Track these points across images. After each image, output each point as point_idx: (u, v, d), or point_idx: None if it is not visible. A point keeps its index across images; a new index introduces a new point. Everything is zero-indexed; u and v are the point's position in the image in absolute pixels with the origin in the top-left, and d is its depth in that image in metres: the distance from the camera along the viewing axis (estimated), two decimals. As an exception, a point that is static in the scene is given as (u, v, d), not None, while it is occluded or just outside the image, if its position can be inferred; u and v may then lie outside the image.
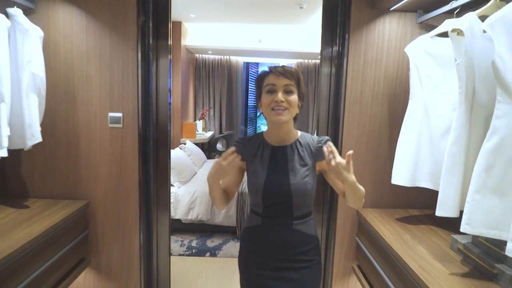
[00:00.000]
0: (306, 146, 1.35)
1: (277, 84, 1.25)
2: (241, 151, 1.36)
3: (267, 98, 1.26)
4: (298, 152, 1.33)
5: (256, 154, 1.36)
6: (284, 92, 1.25)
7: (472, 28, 1.23)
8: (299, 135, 1.38)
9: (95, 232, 2.14)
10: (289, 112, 1.26)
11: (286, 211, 1.32)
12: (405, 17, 1.96)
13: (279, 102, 1.23)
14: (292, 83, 1.26)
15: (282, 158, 1.33)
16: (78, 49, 2.00)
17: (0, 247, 1.40)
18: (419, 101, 1.68)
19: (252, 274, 1.38)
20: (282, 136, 1.35)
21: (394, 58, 1.98)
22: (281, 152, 1.34)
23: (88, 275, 2.17)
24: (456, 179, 1.32)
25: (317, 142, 1.35)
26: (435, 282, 1.25)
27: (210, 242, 3.39)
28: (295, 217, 1.33)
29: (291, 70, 1.28)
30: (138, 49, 2.01)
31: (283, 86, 1.25)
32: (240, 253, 1.46)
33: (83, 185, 2.09)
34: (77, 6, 1.97)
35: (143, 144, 2.14)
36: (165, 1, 2.15)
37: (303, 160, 1.33)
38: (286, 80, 1.25)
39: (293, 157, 1.33)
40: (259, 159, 1.35)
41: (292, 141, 1.35)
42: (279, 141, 1.35)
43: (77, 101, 2.03)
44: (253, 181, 1.34)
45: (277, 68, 1.27)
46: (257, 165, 1.34)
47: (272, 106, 1.25)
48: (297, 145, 1.35)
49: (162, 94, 2.22)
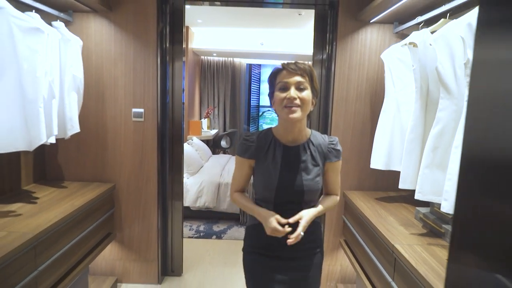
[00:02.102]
0: (318, 146, 1.34)
1: (289, 81, 1.23)
2: (249, 149, 1.35)
3: (280, 95, 1.24)
4: (311, 152, 1.33)
5: (267, 153, 1.33)
6: (297, 89, 1.23)
7: (425, 41, 1.58)
8: (311, 134, 1.37)
9: (119, 210, 2.50)
10: (302, 110, 1.24)
11: (295, 208, 1.32)
12: (383, 28, 2.31)
13: (292, 99, 1.21)
14: (305, 80, 1.24)
15: (295, 158, 1.32)
16: (106, 54, 2.36)
17: (52, 214, 1.76)
18: (392, 99, 2.03)
19: (258, 267, 1.39)
20: (294, 135, 1.33)
21: (374, 63, 2.33)
22: (294, 152, 1.32)
23: (113, 247, 2.53)
24: (413, 160, 1.67)
25: (328, 142, 1.36)
26: (396, 239, 1.60)
27: (216, 227, 3.75)
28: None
29: (304, 66, 1.25)
30: (158, 54, 2.37)
31: (295, 83, 1.23)
32: (246, 250, 1.44)
33: (110, 170, 2.45)
34: (106, 18, 2.33)
35: (161, 136, 2.50)
36: (180, 10, 2.51)
37: (315, 160, 1.33)
38: (299, 77, 1.23)
39: (306, 157, 1.32)
40: (270, 158, 1.32)
41: (304, 141, 1.34)
42: (291, 140, 1.34)
43: (106, 98, 2.40)
44: (265, 180, 1.32)
45: (290, 65, 1.25)
46: (269, 164, 1.32)
47: (285, 104, 1.23)
48: (309, 145, 1.34)
49: (177, 94, 2.58)
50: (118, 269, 2.57)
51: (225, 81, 6.77)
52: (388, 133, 2.04)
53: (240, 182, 1.43)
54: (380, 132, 2.10)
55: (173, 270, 2.74)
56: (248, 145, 1.35)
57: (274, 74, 1.29)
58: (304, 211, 1.31)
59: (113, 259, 2.56)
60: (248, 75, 7.29)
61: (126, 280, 2.58)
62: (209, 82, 6.74)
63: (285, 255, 1.35)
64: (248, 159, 1.36)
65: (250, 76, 7.33)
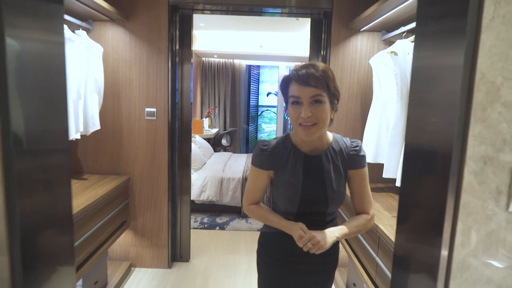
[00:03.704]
0: (339, 152, 1.25)
1: (301, 96, 1.10)
2: (268, 159, 1.25)
3: (293, 111, 1.13)
4: (334, 161, 1.23)
5: (287, 163, 1.23)
6: (311, 104, 1.10)
7: (404, 50, 1.84)
8: (332, 139, 1.26)
9: (133, 201, 2.74)
10: (319, 127, 1.12)
11: (319, 218, 1.25)
12: (372, 35, 2.56)
13: (306, 118, 1.09)
14: (319, 91, 1.09)
15: (317, 169, 1.22)
16: (122, 58, 2.61)
17: (80, 200, 2.01)
18: (379, 99, 2.28)
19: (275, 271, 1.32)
20: (315, 144, 1.22)
21: (364, 67, 2.59)
22: (315, 162, 1.22)
23: (128, 234, 2.78)
24: (395, 152, 1.92)
25: (351, 148, 1.25)
26: (380, 221, 1.85)
27: (219, 219, 4.00)
28: (327, 221, 1.28)
29: (316, 75, 1.09)
30: (169, 58, 2.61)
31: (309, 98, 1.09)
32: (260, 255, 1.38)
33: (125, 164, 2.70)
34: (122, 26, 2.57)
35: (171, 134, 2.74)
36: (188, 17, 2.76)
37: (338, 169, 1.23)
38: (312, 90, 1.08)
39: (329, 167, 1.22)
40: (291, 169, 1.22)
41: (325, 148, 1.24)
42: (312, 149, 1.23)
43: (121, 98, 2.64)
44: (287, 192, 1.22)
45: (300, 76, 1.09)
46: (290, 175, 1.22)
47: (300, 122, 1.12)
48: (331, 152, 1.24)
49: (186, 94, 2.83)
50: (132, 254, 2.81)
51: (225, 82, 7.01)
52: (375, 129, 2.30)
53: (256, 194, 1.31)
54: (368, 129, 2.35)
55: (181, 256, 2.99)
56: (266, 155, 1.24)
57: (285, 84, 1.17)
58: (328, 232, 1.18)
59: (127, 246, 2.80)
60: (248, 76, 7.53)
61: (139, 265, 2.82)
62: (210, 83, 6.98)
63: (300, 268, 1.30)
64: (266, 170, 1.25)
65: (249, 76, 7.57)
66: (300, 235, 1.14)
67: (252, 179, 1.30)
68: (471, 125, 0.59)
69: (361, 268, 2.13)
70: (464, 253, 0.63)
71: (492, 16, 0.56)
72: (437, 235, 0.63)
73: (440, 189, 0.63)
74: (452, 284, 0.64)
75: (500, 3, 0.56)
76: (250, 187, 1.31)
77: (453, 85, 0.60)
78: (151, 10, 2.54)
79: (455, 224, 0.62)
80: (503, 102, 0.59)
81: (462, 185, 0.61)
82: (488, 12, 0.56)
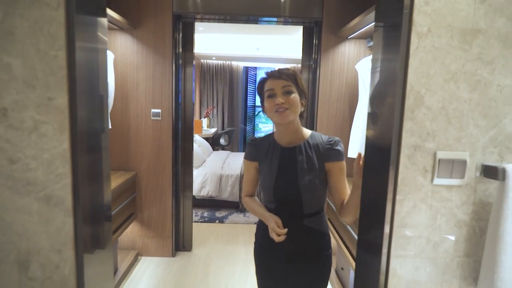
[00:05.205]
0: (315, 146, 1.35)
1: (275, 87, 1.29)
2: (253, 152, 1.45)
3: (269, 103, 1.31)
4: (307, 153, 1.35)
5: (267, 155, 1.40)
6: (283, 93, 1.29)
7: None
8: (309, 135, 1.40)
9: (140, 195, 2.98)
10: (292, 111, 1.29)
11: (296, 208, 1.36)
12: (359, 42, 2.81)
13: (280, 104, 1.27)
14: (289, 83, 1.30)
15: (290, 159, 1.36)
16: (130, 63, 2.84)
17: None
18: (364, 100, 2.53)
19: (265, 265, 1.45)
20: (290, 137, 1.37)
21: (352, 71, 2.83)
22: (290, 153, 1.36)
23: (135, 225, 3.01)
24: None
25: (326, 142, 1.36)
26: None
27: (218, 213, 4.24)
28: (306, 214, 1.36)
29: (287, 71, 1.32)
30: (173, 62, 2.85)
31: (281, 88, 1.29)
32: (255, 245, 1.52)
33: (132, 161, 2.93)
34: (130, 34, 2.80)
35: (175, 133, 2.98)
36: (191, 24, 2.99)
37: (311, 160, 1.34)
38: (283, 81, 1.29)
39: (302, 158, 1.34)
40: (269, 160, 1.39)
41: (300, 142, 1.37)
42: (288, 142, 1.38)
43: (129, 100, 2.87)
44: (265, 180, 1.40)
45: (273, 73, 1.33)
46: (268, 165, 1.39)
47: (275, 109, 1.29)
48: (305, 146, 1.36)
49: (188, 95, 3.06)
50: (139, 244, 3.04)
51: (223, 83, 7.25)
52: (361, 127, 2.55)
53: (249, 185, 1.51)
54: (355, 127, 2.60)
55: (184, 246, 3.23)
56: (252, 148, 1.46)
57: (261, 84, 1.37)
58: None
59: (134, 236, 3.03)
60: (245, 77, 7.77)
61: (145, 254, 3.06)
62: (208, 84, 7.21)
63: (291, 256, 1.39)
64: (252, 161, 1.46)
65: (246, 78, 7.81)
66: (272, 228, 1.27)
67: (245, 171, 1.52)
68: (404, 122, 0.84)
69: (348, 253, 2.37)
70: (402, 213, 0.88)
71: (416, 46, 0.81)
72: (383, 200, 0.87)
73: (385, 168, 0.88)
74: (395, 231, 0.89)
75: (421, 38, 0.81)
76: (244, 179, 1.52)
77: (392, 96, 0.85)
78: (156, 19, 2.78)
79: (395, 192, 0.86)
80: (426, 106, 0.84)
81: (399, 165, 0.85)
82: (414, 44, 0.81)
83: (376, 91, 0.98)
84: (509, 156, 0.88)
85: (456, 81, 0.85)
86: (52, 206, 0.87)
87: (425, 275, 0.92)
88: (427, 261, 0.92)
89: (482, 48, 0.84)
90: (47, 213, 0.87)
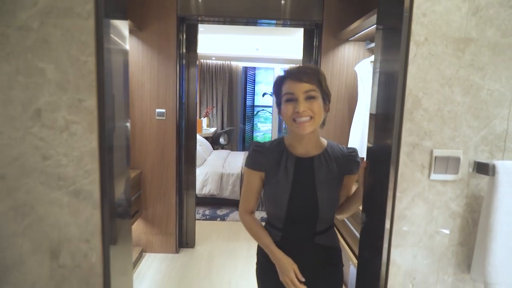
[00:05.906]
0: (336, 157, 1.22)
1: (295, 92, 1.10)
2: (260, 160, 1.24)
3: (287, 108, 1.12)
4: (327, 165, 1.20)
5: (279, 165, 1.21)
6: (305, 99, 1.10)
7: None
8: (326, 144, 1.24)
9: (145, 192, 3.05)
10: (314, 121, 1.12)
11: (309, 226, 1.21)
12: (358, 45, 2.90)
13: (301, 112, 1.09)
14: (313, 87, 1.11)
15: (308, 171, 1.19)
16: (135, 64, 2.91)
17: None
18: (363, 101, 2.62)
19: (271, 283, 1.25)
20: (308, 147, 1.20)
21: (351, 72, 2.92)
22: (307, 165, 1.20)
23: (141, 222, 3.09)
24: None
25: (347, 154, 1.24)
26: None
27: (220, 211, 4.32)
28: (318, 231, 1.23)
29: (309, 71, 1.13)
30: (177, 63, 2.92)
31: (303, 94, 1.10)
32: (258, 265, 1.34)
33: (137, 159, 3.00)
34: (136, 36, 2.88)
35: (178, 132, 3.05)
36: (194, 25, 3.08)
37: (332, 172, 1.20)
38: (306, 85, 1.10)
39: (321, 171, 1.19)
40: (282, 171, 1.20)
41: (319, 152, 1.22)
42: (304, 152, 1.21)
43: (134, 100, 2.94)
44: (276, 195, 1.20)
45: (293, 73, 1.13)
46: (280, 177, 1.20)
47: (294, 117, 1.11)
48: (325, 156, 1.21)
49: (191, 95, 3.14)
50: (143, 240, 3.12)
51: (222, 83, 7.32)
52: (360, 127, 2.63)
53: (250, 199, 1.28)
54: (354, 127, 2.69)
55: (187, 243, 3.30)
56: (258, 156, 1.23)
57: (279, 83, 1.17)
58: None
59: (139, 233, 3.11)
60: (244, 77, 7.84)
61: (149, 250, 3.13)
62: (208, 84, 7.28)
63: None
64: (258, 171, 1.24)
65: (246, 78, 7.89)
66: (290, 279, 1.12)
67: (245, 182, 1.29)
68: (403, 123, 0.93)
69: (348, 249, 2.46)
70: (402, 206, 0.97)
71: (415, 54, 0.90)
72: (385, 194, 0.96)
73: (386, 165, 0.96)
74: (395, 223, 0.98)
75: (419, 46, 0.90)
76: (244, 191, 1.30)
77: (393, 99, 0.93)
78: (161, 22, 2.85)
79: (395, 187, 0.95)
80: (423, 108, 0.93)
81: (399, 162, 0.94)
82: (412, 51, 0.90)
83: (378, 94, 1.06)
84: (498, 153, 0.97)
85: (451, 85, 0.93)
86: (81, 199, 0.95)
87: (422, 263, 1.01)
88: (424, 250, 1.00)
89: (474, 55, 0.93)
90: (77, 206, 0.95)
